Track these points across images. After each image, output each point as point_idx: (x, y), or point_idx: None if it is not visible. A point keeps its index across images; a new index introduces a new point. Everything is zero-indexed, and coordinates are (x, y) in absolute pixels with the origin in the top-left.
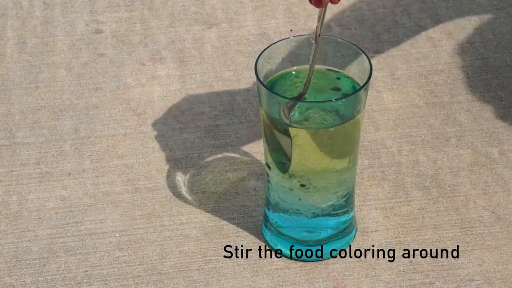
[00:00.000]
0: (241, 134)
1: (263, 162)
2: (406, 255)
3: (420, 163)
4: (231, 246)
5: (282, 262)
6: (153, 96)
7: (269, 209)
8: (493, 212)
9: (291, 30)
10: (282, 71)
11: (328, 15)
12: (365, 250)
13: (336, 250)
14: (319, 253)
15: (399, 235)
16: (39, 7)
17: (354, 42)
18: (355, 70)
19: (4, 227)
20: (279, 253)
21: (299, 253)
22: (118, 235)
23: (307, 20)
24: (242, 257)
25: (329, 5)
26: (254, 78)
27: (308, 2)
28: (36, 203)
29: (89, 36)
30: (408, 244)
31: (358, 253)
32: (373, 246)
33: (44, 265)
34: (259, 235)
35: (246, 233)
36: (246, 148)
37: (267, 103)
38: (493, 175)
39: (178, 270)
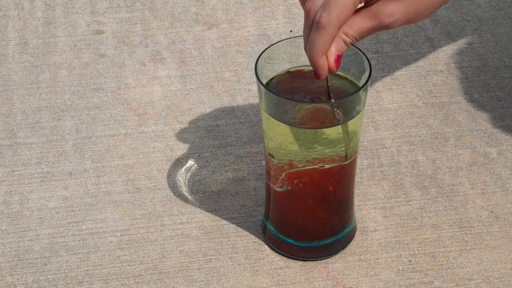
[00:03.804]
0: (241, 134)
1: (263, 162)
2: (405, 255)
3: (419, 163)
4: (231, 246)
5: (282, 261)
6: (153, 97)
7: (268, 209)
8: (492, 212)
9: (291, 31)
10: (282, 71)
11: None
12: (365, 250)
13: (335, 249)
14: (318, 252)
15: (398, 234)
16: (40, 8)
17: None
18: (354, 71)
19: (6, 226)
20: (279, 252)
21: (298, 252)
22: (119, 234)
23: None
24: (242, 256)
25: None
26: (254, 79)
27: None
28: (37, 203)
29: (90, 37)
30: (407, 244)
31: (357, 253)
32: (372, 245)
33: (46, 264)
34: (259, 234)
35: (246, 233)
36: (246, 148)
37: (267, 103)
38: (491, 175)
39: (179, 269)
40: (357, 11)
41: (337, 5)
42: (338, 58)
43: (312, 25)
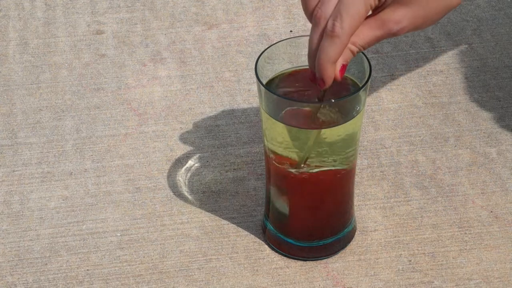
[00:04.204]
0: (241, 134)
1: (263, 162)
2: (405, 254)
3: (419, 163)
4: (231, 246)
5: (282, 261)
6: (154, 97)
7: (268, 209)
8: (491, 212)
9: (291, 31)
10: (282, 72)
11: None
12: (365, 249)
13: (335, 249)
14: (318, 252)
15: (398, 234)
16: (40, 8)
17: None
18: (354, 71)
19: (6, 226)
20: (279, 252)
21: (298, 252)
22: (119, 234)
23: (307, 21)
24: (242, 256)
25: None
26: (254, 79)
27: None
28: (38, 203)
29: (90, 37)
30: (407, 243)
31: (357, 252)
32: (372, 245)
33: (46, 264)
34: (259, 234)
35: (246, 233)
36: (246, 148)
37: (267, 103)
38: (491, 175)
39: (179, 269)
40: (364, 19)
41: (349, 14)
42: (344, 67)
43: (322, 32)
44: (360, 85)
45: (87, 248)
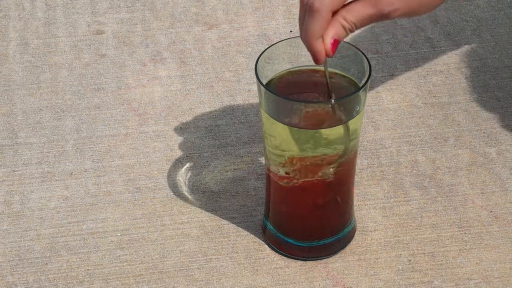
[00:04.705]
0: (241, 134)
1: (263, 162)
2: (405, 254)
3: (418, 163)
4: (231, 245)
5: (282, 261)
6: (154, 97)
7: (268, 209)
8: (491, 212)
9: (291, 31)
10: (282, 72)
11: None
12: (364, 249)
13: (335, 249)
14: (318, 252)
15: (398, 234)
16: (41, 8)
17: (353, 43)
18: (354, 71)
19: (7, 226)
20: (279, 252)
21: (298, 252)
22: (119, 234)
23: None
24: (242, 256)
25: None
26: (254, 79)
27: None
28: (38, 203)
29: (90, 37)
30: (407, 243)
31: (357, 252)
32: (372, 245)
33: (46, 264)
34: (259, 234)
35: (246, 232)
36: (246, 148)
37: (267, 103)
38: (491, 175)
39: (179, 269)
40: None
41: None
42: (335, 42)
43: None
44: (360, 85)
45: (87, 248)
